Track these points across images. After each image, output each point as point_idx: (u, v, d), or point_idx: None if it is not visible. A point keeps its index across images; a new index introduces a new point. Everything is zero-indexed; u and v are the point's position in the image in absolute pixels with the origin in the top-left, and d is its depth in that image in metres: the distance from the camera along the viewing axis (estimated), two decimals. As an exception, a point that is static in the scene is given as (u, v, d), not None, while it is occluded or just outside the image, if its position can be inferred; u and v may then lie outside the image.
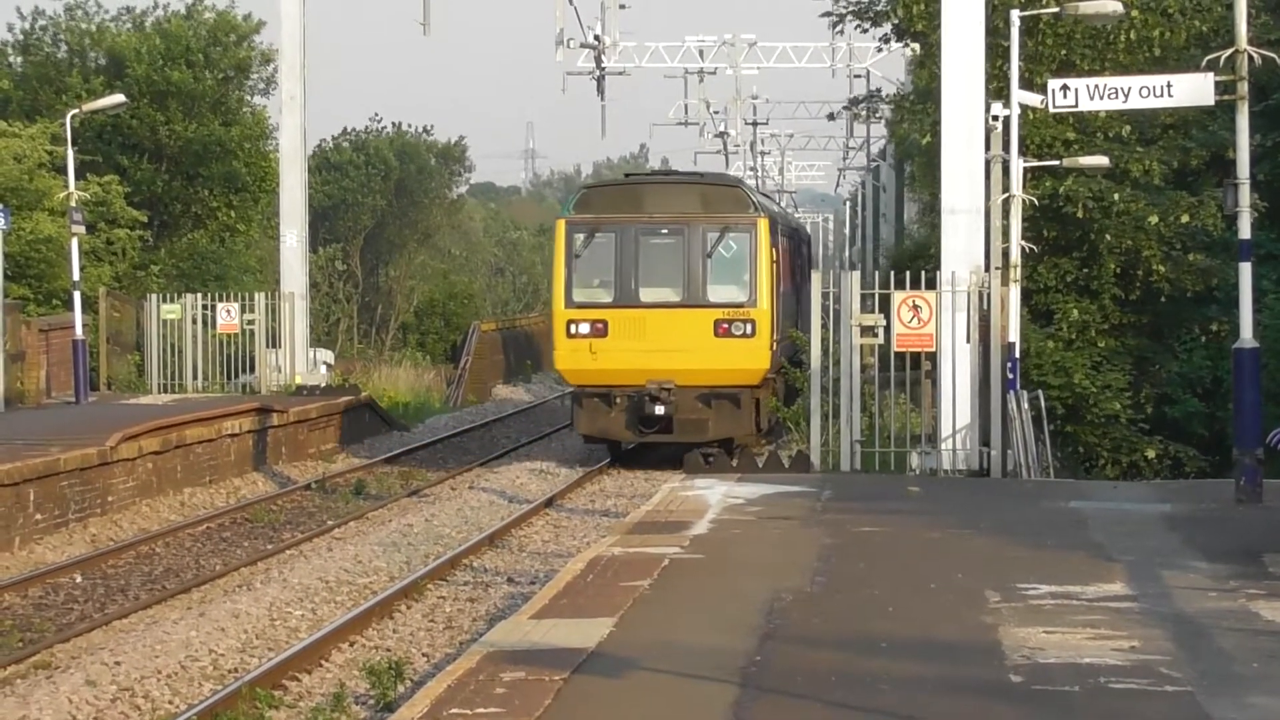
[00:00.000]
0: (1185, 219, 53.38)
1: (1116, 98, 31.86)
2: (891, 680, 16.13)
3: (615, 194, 48.24)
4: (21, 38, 79.74)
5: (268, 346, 58.96)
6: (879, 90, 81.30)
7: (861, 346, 34.91)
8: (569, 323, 45.77)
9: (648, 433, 45.79)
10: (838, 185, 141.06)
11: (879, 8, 60.24)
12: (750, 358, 45.20)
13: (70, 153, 56.56)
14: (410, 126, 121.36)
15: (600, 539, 26.03)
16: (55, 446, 38.91)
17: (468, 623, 27.02)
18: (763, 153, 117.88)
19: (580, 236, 46.06)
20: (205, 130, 76.73)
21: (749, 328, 45.04)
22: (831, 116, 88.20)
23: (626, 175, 50.39)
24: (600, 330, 45.42)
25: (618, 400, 45.38)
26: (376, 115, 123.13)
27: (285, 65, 60.20)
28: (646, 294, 45.79)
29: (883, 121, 77.96)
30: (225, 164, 77.00)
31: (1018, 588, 20.65)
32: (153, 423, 44.36)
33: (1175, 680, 16.08)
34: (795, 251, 57.47)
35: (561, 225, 46.68)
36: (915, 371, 36.05)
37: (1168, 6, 53.80)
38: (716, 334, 45.10)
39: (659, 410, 44.67)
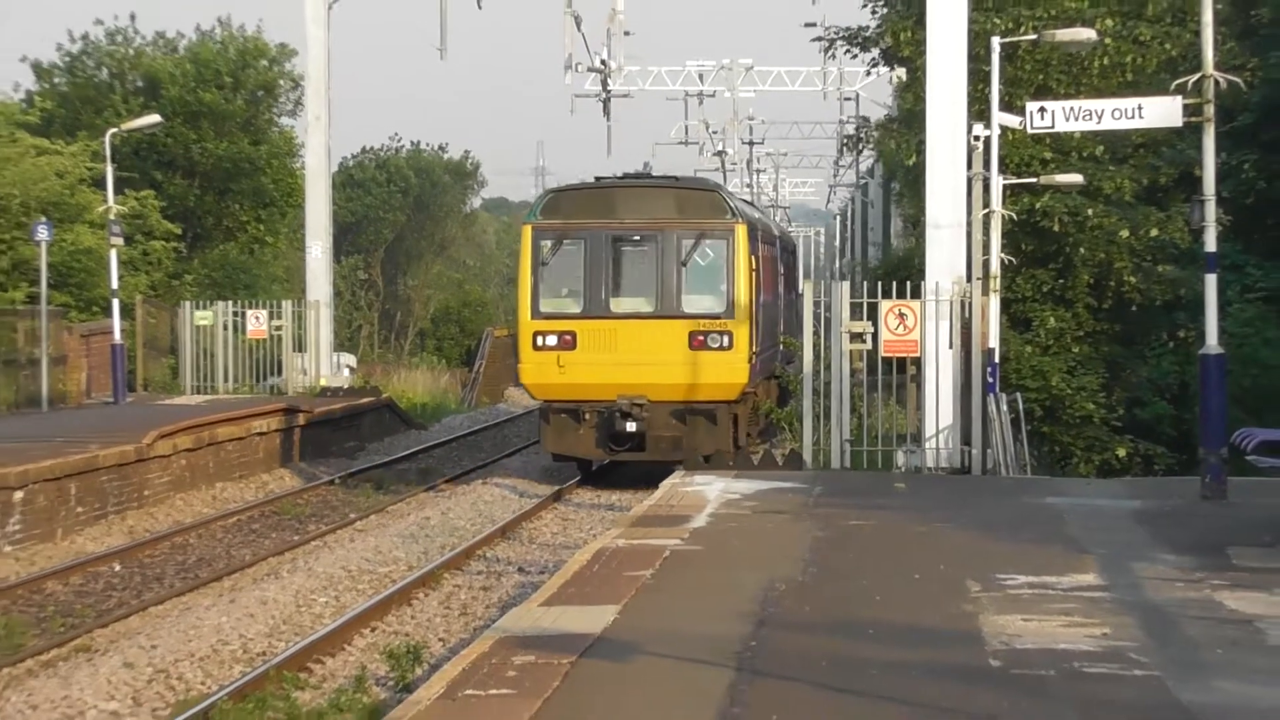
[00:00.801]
0: (1154, 233, 53.39)
1: (1090, 119, 31.87)
2: (878, 664, 16.12)
3: (584, 198, 42.31)
4: (68, 59, 79.87)
5: (294, 351, 59.09)
6: (868, 118, 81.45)
7: (851, 352, 34.83)
8: (535, 334, 40.98)
9: (618, 451, 41.25)
10: (829, 201, 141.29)
11: (868, 34, 60.21)
12: (727, 372, 40.54)
13: (109, 169, 56.59)
14: (427, 145, 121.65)
15: (605, 531, 26.02)
16: (95, 444, 38.95)
17: (481, 609, 27.02)
18: (758, 170, 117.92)
19: (547, 243, 41.21)
20: (235, 148, 77.06)
21: (726, 340, 40.35)
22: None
23: (597, 178, 43.36)
24: (568, 342, 40.66)
25: (587, 416, 40.75)
26: (396, 135, 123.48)
27: (311, 88, 60.22)
28: (617, 304, 41.08)
29: (871, 142, 77.88)
30: (254, 180, 77.46)
31: (997, 578, 20.64)
32: (186, 422, 44.43)
33: (1144, 665, 16.06)
34: (779, 260, 52.71)
35: (527, 231, 41.73)
36: (901, 375, 36.02)
37: (1139, 34, 53.77)
38: (691, 346, 40.37)
39: (630, 427, 40.32)
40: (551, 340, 40.43)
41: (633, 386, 39.97)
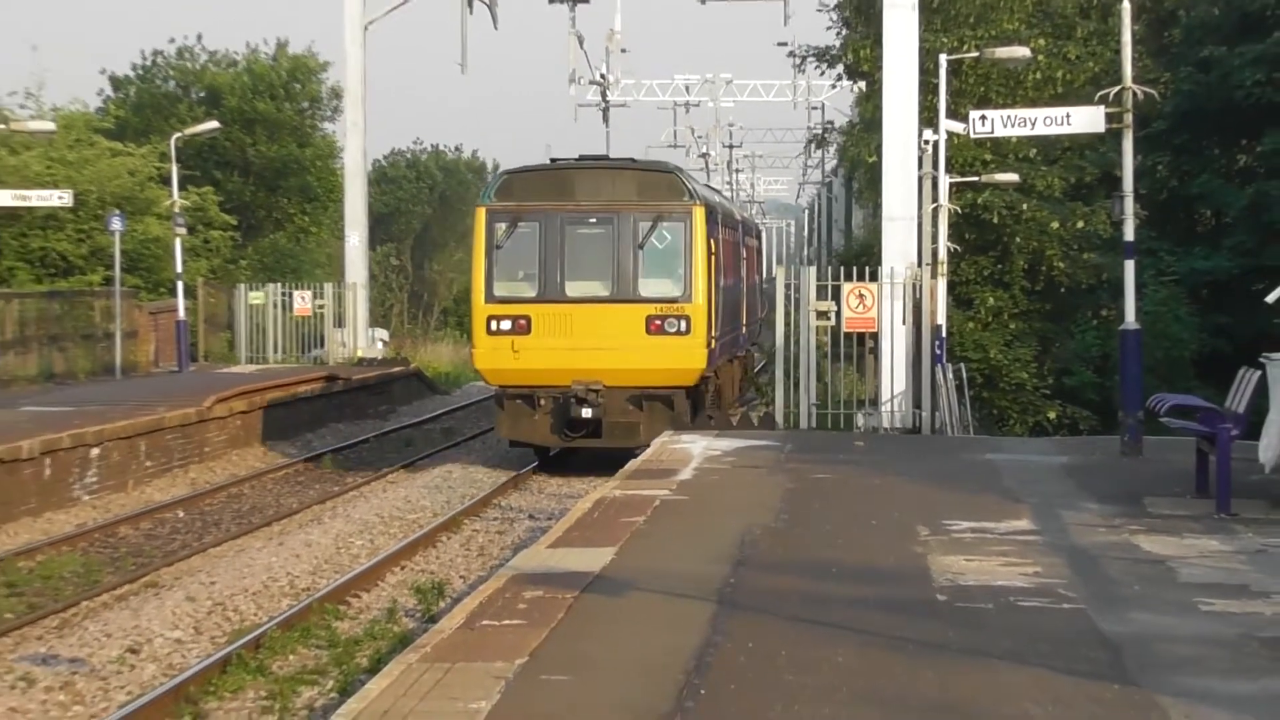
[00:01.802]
0: (1080, 225, 53.47)
1: (1025, 126, 31.80)
2: (840, 599, 16.12)
3: (539, 180, 36.34)
4: (141, 73, 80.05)
5: (335, 326, 59.21)
6: (832, 123, 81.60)
7: (817, 328, 34.83)
8: (489, 318, 35.44)
9: (574, 437, 35.80)
10: (798, 196, 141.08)
11: (833, 52, 60.18)
12: (684, 356, 35.10)
13: (175, 168, 56.64)
14: (447, 147, 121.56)
15: (604, 483, 25.99)
16: (162, 407, 39.03)
17: (496, 550, 27.04)
18: (737, 170, 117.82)
19: (501, 225, 35.59)
20: (284, 151, 77.42)
21: (683, 324, 34.97)
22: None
23: (552, 159, 37.63)
24: (523, 327, 35.23)
25: (542, 402, 35.38)
26: (419, 139, 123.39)
27: (349, 99, 60.21)
28: (573, 288, 35.49)
29: (835, 145, 77.97)
30: (300, 178, 77.98)
31: (943, 524, 20.64)
32: (240, 388, 44.48)
33: (1071, 599, 16.07)
34: (742, 244, 47.04)
35: (481, 213, 36.02)
36: (860, 348, 36.05)
37: (1068, 52, 53.77)
38: (648, 331, 35.03)
39: (586, 413, 34.98)
40: (506, 325, 35.29)
41: (588, 372, 34.91)
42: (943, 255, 41.42)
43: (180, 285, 56.95)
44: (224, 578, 24.94)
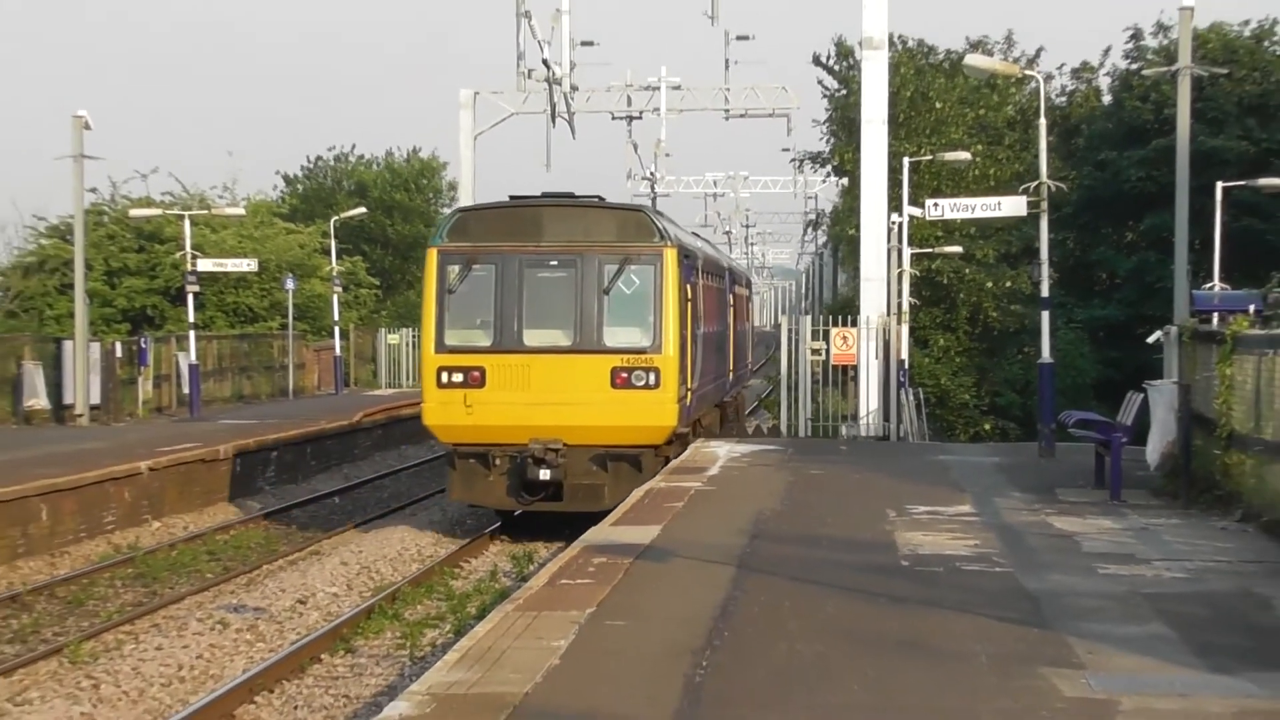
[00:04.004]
0: (1008, 284, 53.68)
1: (967, 210, 31.71)
2: (828, 563, 16.08)
3: (497, 218, 25.96)
4: (306, 171, 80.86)
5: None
6: (823, 210, 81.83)
7: (812, 361, 34.77)
8: (439, 370, 25.08)
9: (532, 500, 25.35)
10: (798, 263, 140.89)
11: (824, 156, 60.37)
12: (653, 413, 25.02)
13: (333, 243, 57.13)
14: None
15: (652, 477, 25.96)
16: (323, 420, 39.17)
17: (569, 530, 27.01)
18: (752, 244, 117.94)
19: (454, 268, 25.43)
20: (414, 229, 78.16)
21: (652, 377, 24.91)
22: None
23: (512, 197, 27.07)
24: (476, 379, 24.94)
25: (497, 462, 25.18)
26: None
27: (463, 189, 59.42)
28: (531, 337, 25.14)
29: (825, 225, 78.19)
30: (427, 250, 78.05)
31: (907, 508, 20.58)
32: (381, 406, 44.67)
33: (1002, 564, 16.01)
34: (728, 291, 36.01)
35: (433, 255, 25.71)
36: (844, 376, 35.95)
37: (998, 155, 53.92)
38: (614, 384, 24.90)
39: (545, 474, 24.84)
40: (458, 377, 25.05)
41: (548, 429, 24.81)
42: (906, 307, 41.63)
43: (337, 330, 57.50)
44: (369, 548, 24.99)
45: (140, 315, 57.09)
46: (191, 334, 44.73)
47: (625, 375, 24.86)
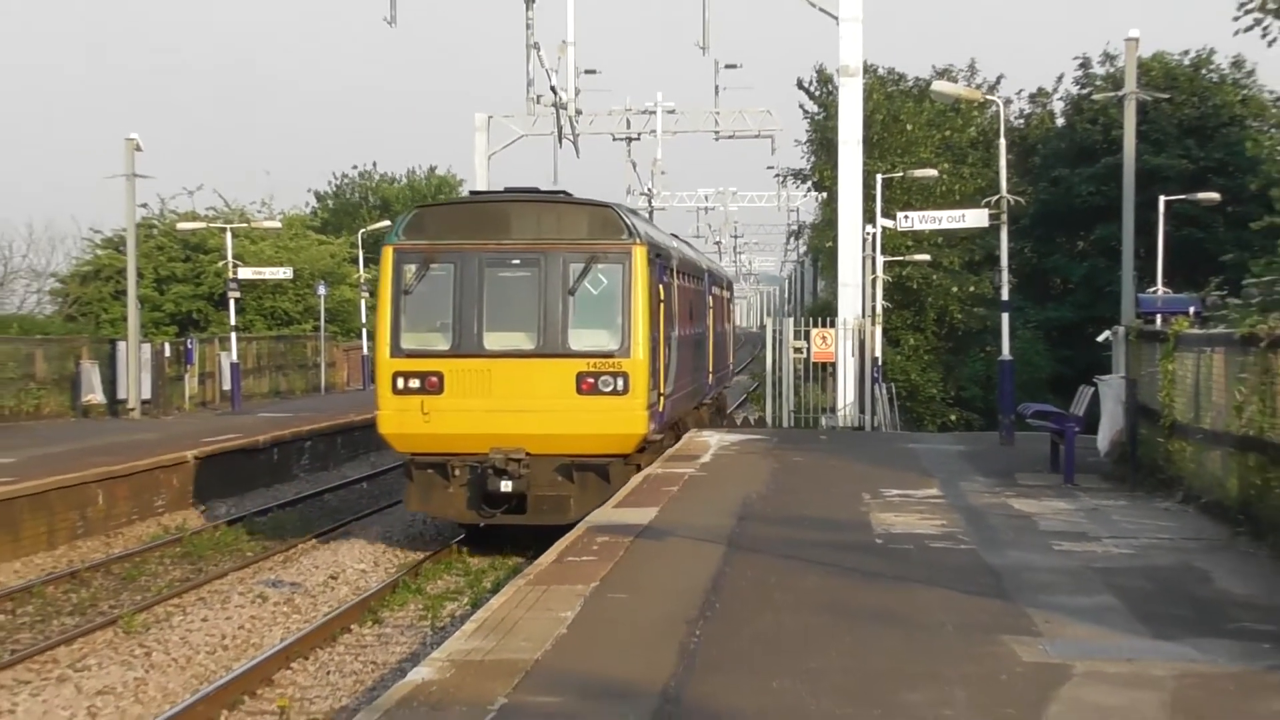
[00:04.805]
0: (972, 289, 53.65)
1: (935, 222, 31.78)
2: (808, 542, 16.07)
3: (456, 215, 22.42)
4: (334, 188, 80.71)
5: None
6: (804, 222, 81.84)
7: (794, 359, 34.75)
8: (395, 375, 21.55)
9: (493, 513, 21.71)
10: (781, 270, 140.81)
11: (805, 173, 60.34)
12: (622, 420, 21.48)
13: (360, 253, 57.00)
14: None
15: (650, 464, 25.92)
16: (351, 413, 39.12)
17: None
18: (740, 253, 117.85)
19: (411, 267, 21.67)
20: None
21: (620, 383, 21.31)
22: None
23: (472, 192, 25.73)
24: (434, 385, 21.35)
25: (456, 472, 21.64)
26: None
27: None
28: (492, 340, 21.51)
29: (806, 235, 78.25)
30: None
31: (881, 491, 20.57)
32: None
33: (966, 542, 16.01)
34: (707, 294, 32.27)
35: (388, 253, 21.90)
36: (824, 373, 35.94)
37: (963, 173, 53.86)
38: (580, 390, 21.31)
39: (506, 486, 21.28)
40: (414, 383, 21.45)
41: (510, 438, 21.24)
42: (879, 310, 41.56)
43: (364, 331, 57.31)
44: (394, 527, 25.00)
45: (186, 319, 57.08)
46: (233, 335, 44.76)
47: (592, 380, 21.40)
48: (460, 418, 21.34)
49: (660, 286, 23.13)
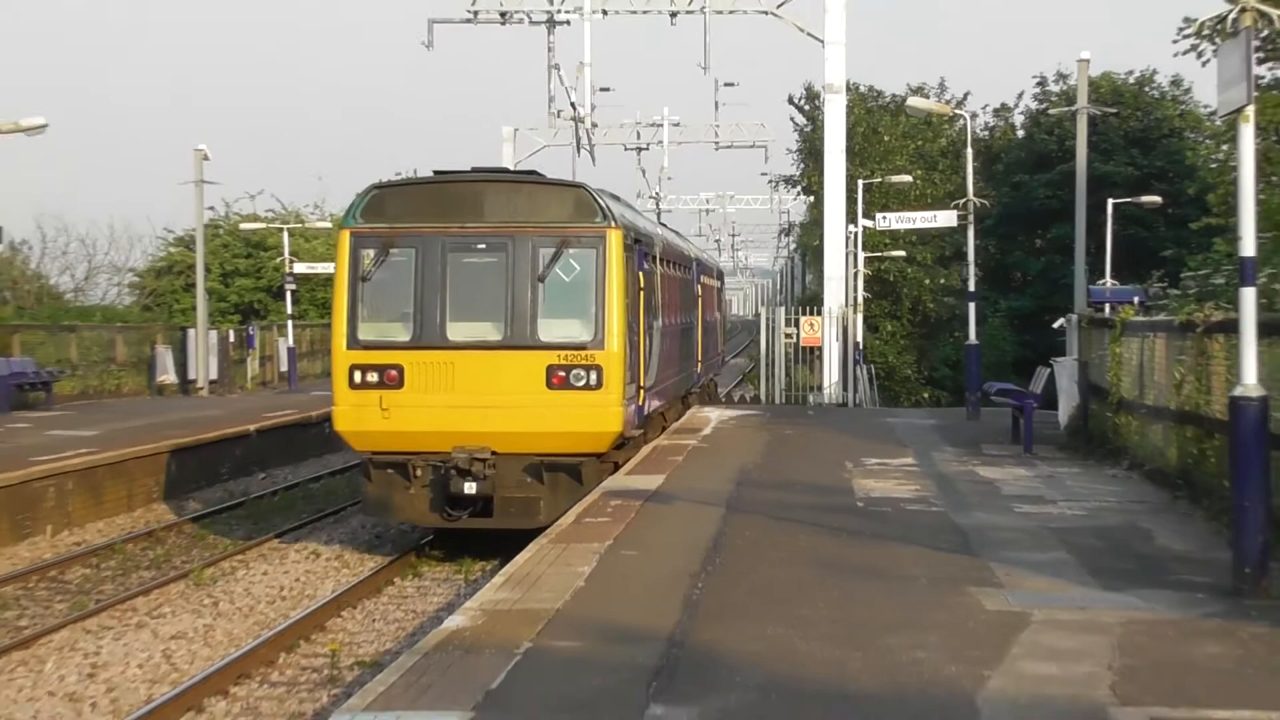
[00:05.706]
0: (943, 281, 53.56)
1: (910, 222, 31.84)
2: (799, 505, 16.08)
3: (417, 196, 18.22)
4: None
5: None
6: (794, 222, 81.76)
7: (785, 344, 34.72)
8: (352, 368, 17.69)
9: (457, 516, 17.98)
10: (774, 264, 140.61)
11: (795, 178, 60.32)
12: (595, 417, 17.76)
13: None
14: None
15: (658, 436, 25.93)
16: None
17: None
18: (737, 249, 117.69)
19: (369, 253, 17.89)
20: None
21: (593, 376, 17.60)
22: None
23: (436, 172, 19.05)
24: (393, 379, 17.58)
25: (418, 473, 17.87)
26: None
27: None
28: (456, 331, 17.71)
29: (795, 233, 78.24)
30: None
31: (862, 460, 20.58)
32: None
33: (937, 505, 16.01)
34: (695, 282, 28.86)
35: (344, 237, 18.09)
36: (811, 356, 35.90)
37: (935, 178, 53.79)
38: (550, 385, 17.58)
39: (470, 487, 17.61)
40: (372, 377, 17.67)
41: (475, 435, 17.60)
42: (860, 300, 41.48)
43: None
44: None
45: (248, 308, 57.12)
46: (289, 323, 44.83)
47: (563, 374, 17.66)
48: (421, 414, 17.65)
49: (640, 274, 19.65)
